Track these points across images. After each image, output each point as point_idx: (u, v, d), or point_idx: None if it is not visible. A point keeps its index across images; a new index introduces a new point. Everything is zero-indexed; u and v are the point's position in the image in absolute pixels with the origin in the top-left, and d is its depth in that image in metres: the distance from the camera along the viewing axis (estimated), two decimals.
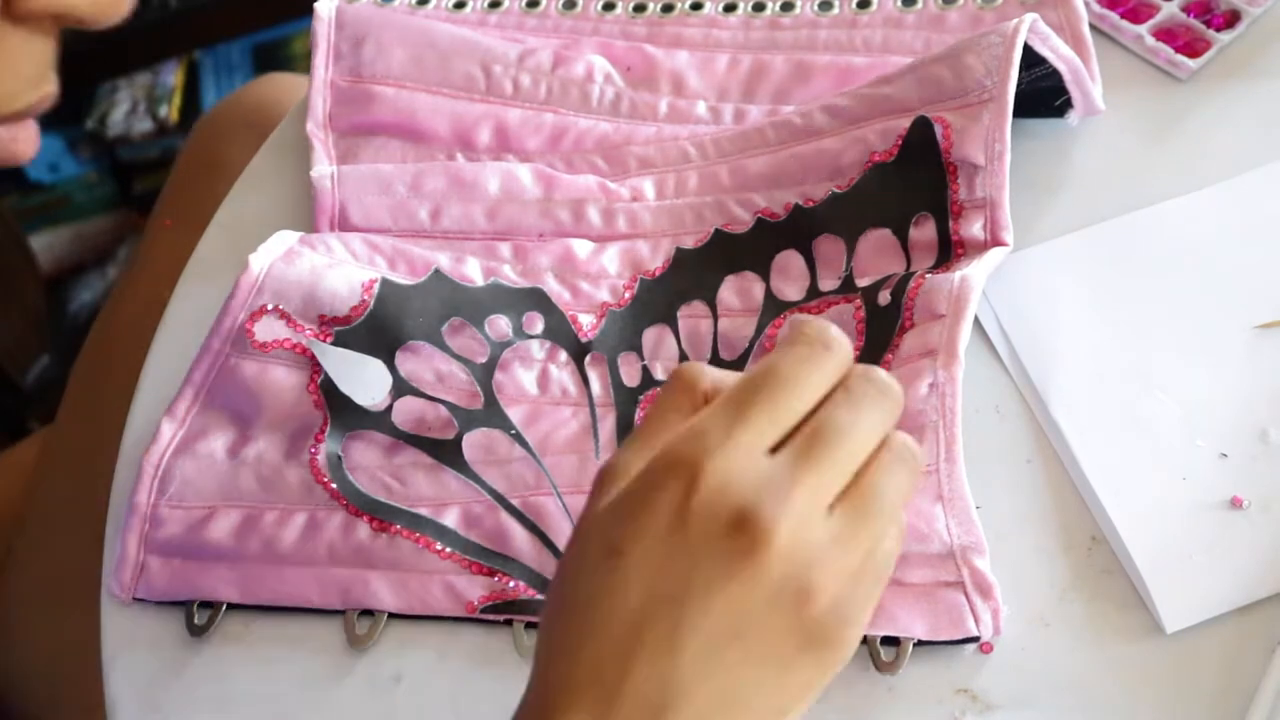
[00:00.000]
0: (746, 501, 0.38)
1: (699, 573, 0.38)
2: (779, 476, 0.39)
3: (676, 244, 0.65)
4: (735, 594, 0.38)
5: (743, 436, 0.39)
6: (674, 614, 0.38)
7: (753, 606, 0.38)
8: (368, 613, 0.58)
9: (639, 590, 0.38)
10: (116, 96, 1.52)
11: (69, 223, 1.54)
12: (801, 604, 0.38)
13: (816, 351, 0.41)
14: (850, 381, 0.41)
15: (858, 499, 0.40)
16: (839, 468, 0.39)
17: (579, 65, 0.71)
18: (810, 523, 0.39)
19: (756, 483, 0.38)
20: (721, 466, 0.39)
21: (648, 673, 0.38)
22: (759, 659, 0.39)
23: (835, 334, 0.41)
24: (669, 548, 0.38)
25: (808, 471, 0.39)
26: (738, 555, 0.38)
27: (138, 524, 0.60)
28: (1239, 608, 0.52)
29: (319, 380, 0.61)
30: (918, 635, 0.53)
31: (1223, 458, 0.56)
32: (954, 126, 0.61)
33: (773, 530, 0.38)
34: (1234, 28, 0.68)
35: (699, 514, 0.38)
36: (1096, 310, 0.60)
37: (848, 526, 0.39)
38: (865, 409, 0.40)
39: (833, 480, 0.39)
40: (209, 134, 0.93)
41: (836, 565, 0.39)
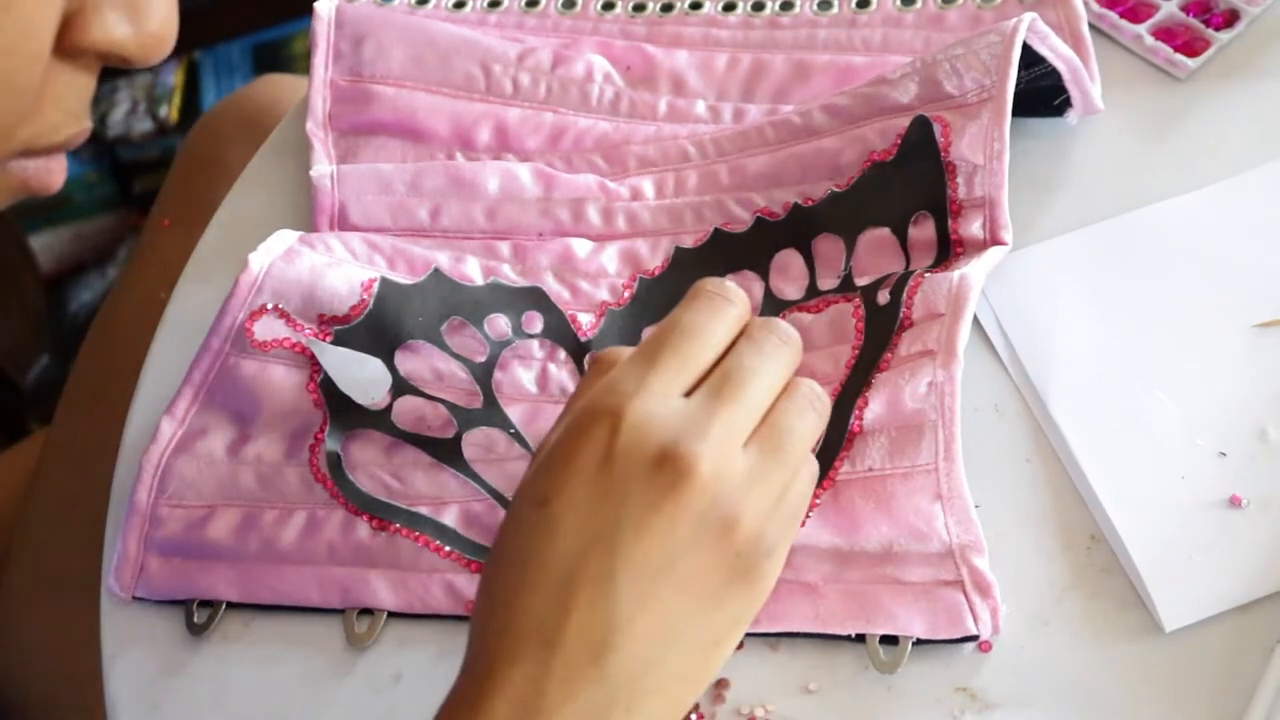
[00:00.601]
0: (668, 438, 0.40)
1: (627, 510, 0.40)
2: (695, 414, 0.41)
3: (676, 243, 0.65)
4: (663, 527, 0.40)
5: (656, 382, 0.42)
6: (606, 553, 0.40)
7: (681, 538, 0.40)
8: (367, 612, 0.58)
9: (571, 535, 0.40)
10: (116, 96, 1.52)
11: (69, 223, 1.54)
12: (725, 534, 0.41)
13: (717, 303, 0.44)
14: (752, 330, 0.44)
15: (770, 436, 0.43)
16: (750, 406, 0.42)
17: (578, 64, 0.71)
18: (729, 456, 0.41)
19: (675, 421, 0.41)
20: (640, 409, 0.41)
21: (586, 613, 0.40)
22: (691, 591, 0.41)
23: (732, 286, 0.45)
24: (596, 490, 0.40)
25: (721, 409, 0.42)
26: (663, 489, 0.40)
27: (137, 523, 0.60)
28: (1238, 606, 0.52)
29: (318, 379, 0.61)
30: (917, 634, 0.53)
31: (1222, 457, 0.56)
32: (953, 125, 0.61)
33: (695, 463, 0.40)
34: (1233, 27, 0.68)
35: (623, 455, 0.40)
36: (1096, 309, 0.60)
37: (762, 461, 0.42)
38: (769, 353, 0.43)
39: (746, 417, 0.42)
40: (208, 134, 0.93)
41: (755, 497, 0.41)
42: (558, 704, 0.40)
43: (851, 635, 0.54)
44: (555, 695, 0.40)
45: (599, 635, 0.40)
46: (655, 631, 0.40)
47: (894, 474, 0.54)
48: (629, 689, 0.40)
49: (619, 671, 0.40)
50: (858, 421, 0.56)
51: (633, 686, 0.40)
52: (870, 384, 0.57)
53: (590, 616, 0.40)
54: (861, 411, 0.56)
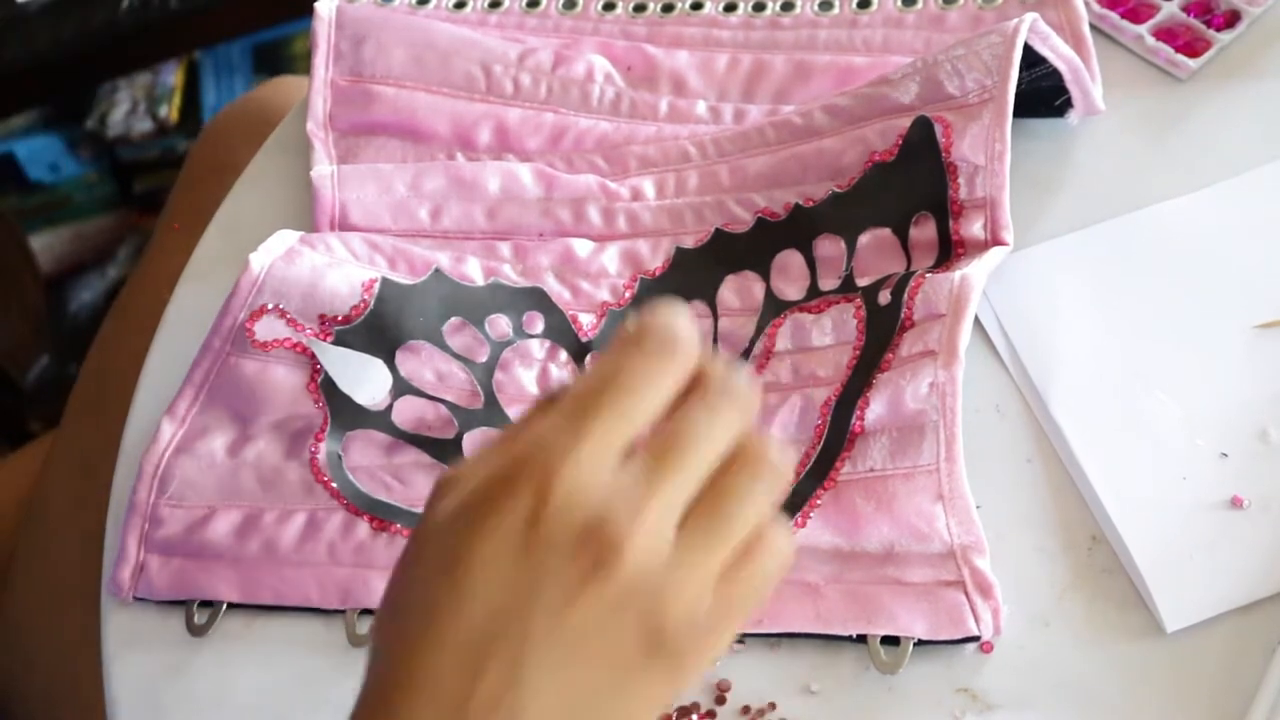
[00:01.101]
0: (595, 513, 0.37)
1: (544, 586, 0.37)
2: (629, 490, 0.38)
3: (677, 243, 0.65)
4: (582, 608, 0.37)
5: (591, 444, 0.38)
6: (517, 628, 0.37)
7: (599, 620, 0.37)
8: (368, 612, 0.58)
9: (483, 604, 0.38)
10: (116, 96, 1.52)
11: (69, 223, 1.54)
12: (649, 619, 0.38)
13: (665, 352, 0.39)
14: (705, 386, 0.40)
15: (711, 511, 0.39)
16: (692, 478, 0.39)
17: (579, 65, 0.71)
18: (660, 534, 0.38)
19: (607, 494, 0.37)
20: (570, 475, 0.37)
21: (492, 687, 0.37)
22: (607, 672, 0.38)
23: (684, 331, 0.39)
24: (514, 560, 0.37)
25: (660, 481, 0.38)
26: (585, 568, 0.37)
27: (138, 523, 0.60)
28: (1239, 607, 0.52)
29: (319, 380, 0.61)
30: (918, 635, 0.53)
31: (1223, 457, 0.56)
32: (954, 126, 0.61)
33: (622, 544, 0.37)
34: (1234, 27, 0.68)
35: (546, 524, 0.37)
36: (1096, 309, 0.60)
37: (697, 544, 0.38)
38: (718, 416, 0.39)
39: (685, 489, 0.38)
40: (217, 137, 0.93)
41: (687, 578, 0.38)
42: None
43: (853, 636, 0.54)
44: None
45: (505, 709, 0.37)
46: (562, 709, 0.38)
47: (895, 474, 0.54)
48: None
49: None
50: (859, 422, 0.56)
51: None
52: (871, 384, 0.56)
53: (496, 691, 0.37)
54: (863, 412, 0.56)
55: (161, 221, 0.92)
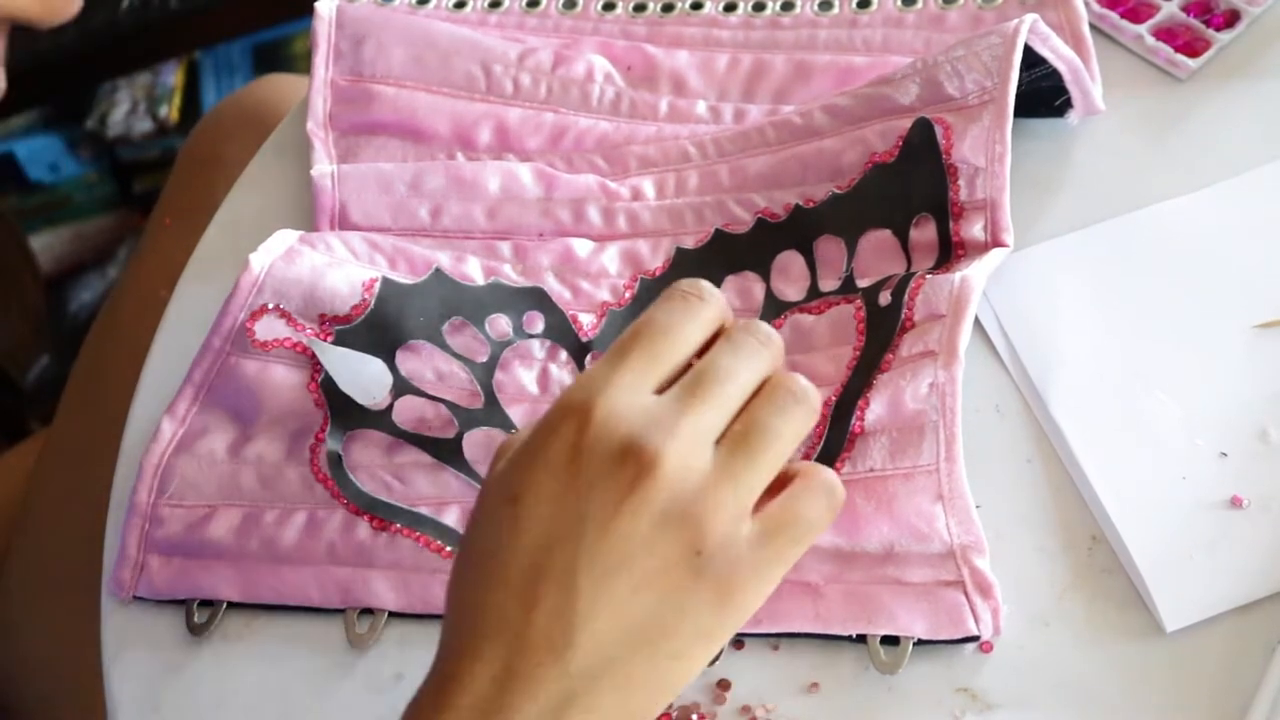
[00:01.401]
0: (632, 432, 0.40)
1: (590, 506, 0.40)
2: (663, 411, 0.41)
3: (677, 244, 0.65)
4: (625, 523, 0.39)
5: (625, 378, 0.41)
6: (570, 549, 0.40)
7: (641, 535, 0.40)
8: (368, 612, 0.58)
9: (536, 532, 0.40)
10: (116, 96, 1.52)
11: (69, 223, 1.54)
12: (686, 532, 0.40)
13: (690, 302, 0.43)
14: (731, 330, 0.43)
15: (743, 434, 0.41)
16: (722, 404, 0.41)
17: (579, 65, 0.71)
18: (695, 452, 0.40)
19: (642, 415, 0.40)
20: (607, 404, 0.40)
21: (548, 609, 0.39)
22: (651, 591, 0.40)
23: (708, 287, 0.44)
24: (562, 487, 0.40)
25: (691, 406, 0.41)
26: (625, 484, 0.39)
27: (138, 523, 0.60)
28: (1239, 607, 0.52)
29: (319, 379, 0.61)
30: (918, 634, 0.53)
31: (1223, 457, 0.56)
32: (954, 127, 0.61)
33: (658, 457, 0.39)
34: (1234, 27, 0.68)
35: (589, 449, 0.40)
36: (1096, 310, 0.60)
37: (732, 459, 0.41)
38: (745, 353, 0.42)
39: (717, 416, 0.41)
40: (209, 133, 0.93)
41: (721, 495, 0.40)
42: (520, 702, 0.39)
43: (853, 636, 0.54)
44: (518, 693, 0.39)
45: (561, 631, 0.39)
46: (615, 630, 0.40)
47: (895, 474, 0.54)
48: (587, 687, 0.40)
49: (578, 669, 0.39)
50: (859, 422, 0.56)
51: (591, 685, 0.40)
52: (871, 385, 0.57)
53: (552, 613, 0.39)
54: (863, 412, 0.56)
55: (153, 218, 0.92)
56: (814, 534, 0.42)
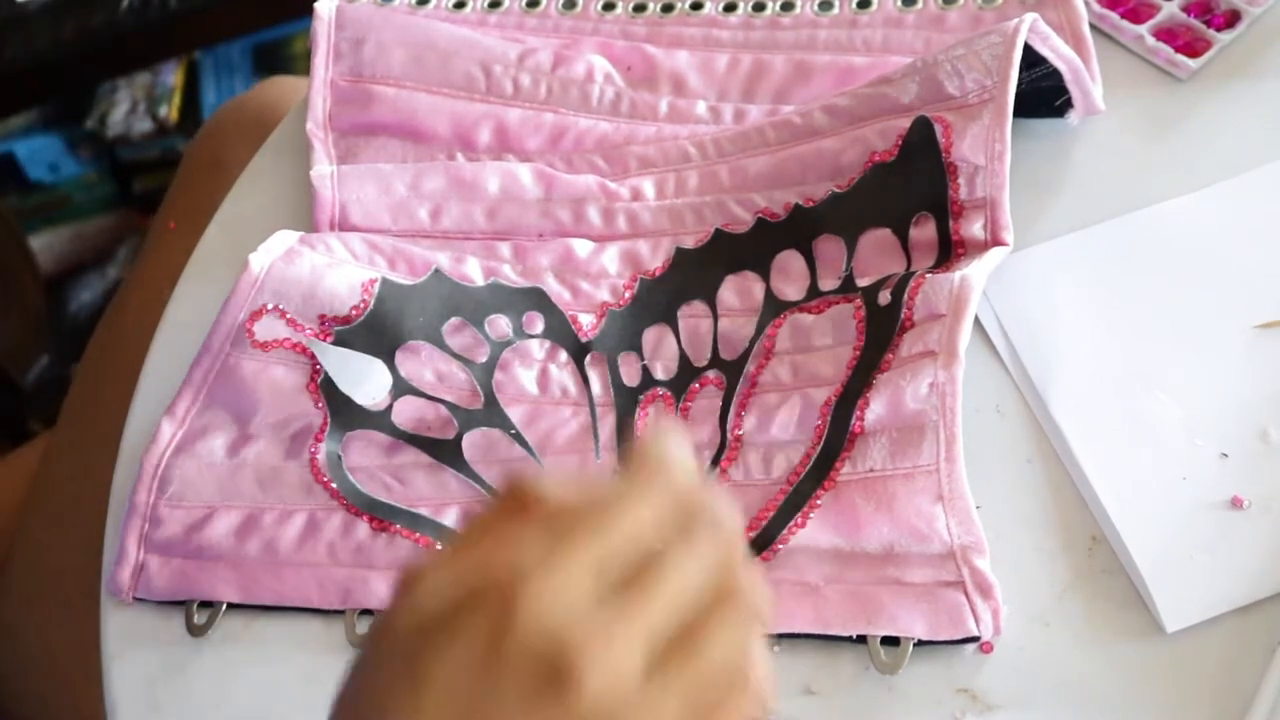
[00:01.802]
0: (559, 640, 0.35)
1: (505, 711, 0.35)
2: (601, 618, 0.36)
3: (676, 244, 0.65)
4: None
5: (565, 567, 0.36)
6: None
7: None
8: (368, 612, 0.58)
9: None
10: (116, 96, 1.52)
11: (69, 223, 1.54)
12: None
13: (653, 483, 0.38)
14: (689, 523, 0.38)
15: (682, 650, 0.37)
16: (663, 614, 0.37)
17: (579, 65, 0.71)
18: (626, 670, 0.36)
19: (575, 623, 0.36)
20: (539, 597, 0.36)
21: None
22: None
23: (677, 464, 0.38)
24: (476, 680, 0.36)
25: (633, 614, 0.36)
26: (545, 698, 0.35)
27: (137, 523, 0.60)
28: (1239, 607, 0.52)
29: (319, 380, 0.61)
30: (918, 635, 0.53)
31: (1223, 457, 0.56)
32: (954, 126, 0.61)
33: (584, 675, 0.35)
34: (1234, 27, 0.68)
35: (510, 647, 0.36)
36: (1096, 310, 0.60)
37: (668, 679, 0.36)
38: (700, 555, 0.38)
39: (661, 625, 0.37)
40: (214, 136, 0.93)
41: (650, 717, 0.36)
42: None
43: (853, 636, 0.54)
44: None
45: None
46: None
47: (895, 475, 0.54)
48: None
49: None
50: (859, 422, 0.56)
51: None
52: (871, 385, 0.56)
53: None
54: (863, 412, 0.56)
55: (157, 221, 0.92)
56: None
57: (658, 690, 0.36)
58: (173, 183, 0.94)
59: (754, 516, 0.56)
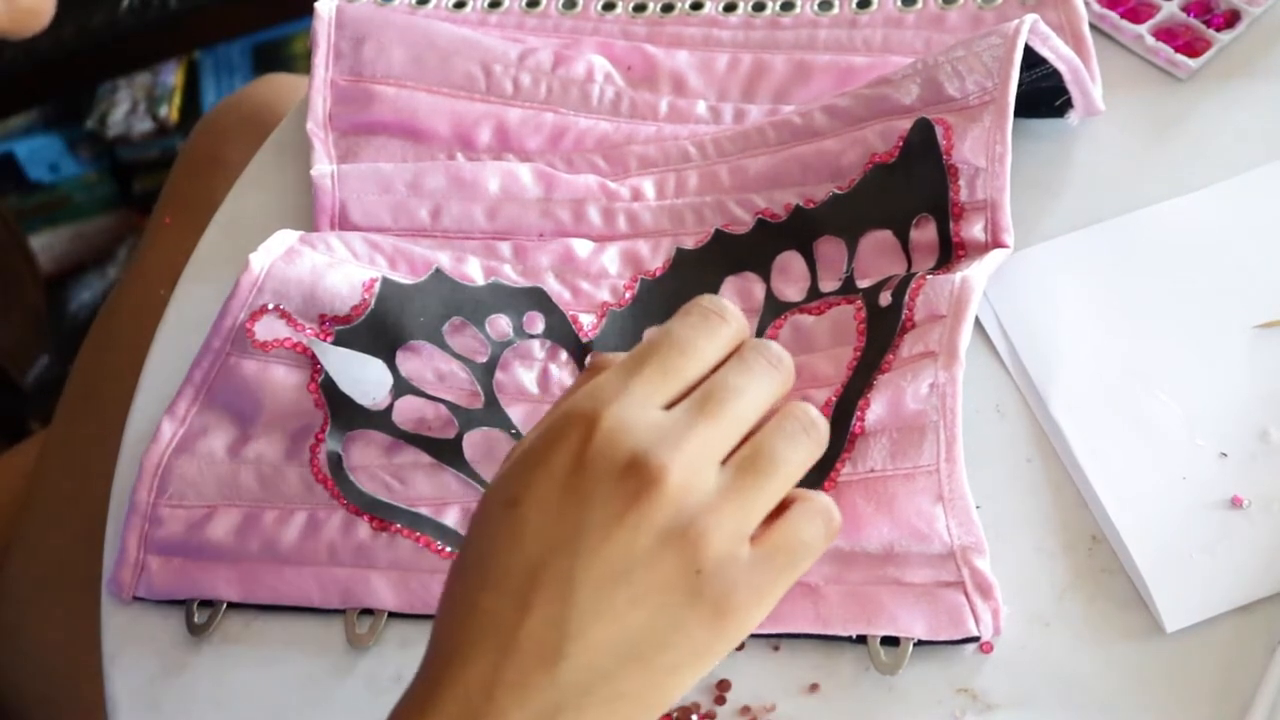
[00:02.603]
0: (639, 446, 0.40)
1: (591, 516, 0.39)
2: (671, 426, 0.40)
3: (677, 244, 0.65)
4: (625, 536, 0.39)
5: (637, 391, 0.41)
6: (568, 558, 0.39)
7: (641, 548, 0.39)
8: (368, 612, 0.58)
9: (535, 537, 0.40)
10: (116, 96, 1.52)
11: (69, 223, 1.54)
12: (687, 549, 0.39)
13: (710, 319, 0.43)
14: (744, 350, 0.43)
15: (750, 457, 0.41)
16: (730, 425, 0.41)
17: (579, 65, 0.71)
18: (700, 470, 0.40)
19: (650, 430, 0.40)
20: (615, 415, 0.40)
21: (542, 617, 0.39)
22: (648, 605, 0.40)
23: (729, 306, 0.43)
24: (564, 494, 0.40)
25: (699, 424, 0.40)
26: (629, 497, 0.39)
27: (138, 523, 0.60)
28: (1239, 607, 0.52)
29: (319, 379, 0.61)
30: (918, 635, 0.53)
31: (1223, 457, 0.56)
32: (955, 128, 0.61)
33: (663, 473, 0.39)
34: (1234, 27, 0.68)
35: (593, 460, 0.40)
36: (1097, 310, 0.60)
37: (737, 480, 0.41)
38: (757, 374, 0.42)
39: (724, 436, 0.41)
40: (209, 133, 0.93)
41: (725, 515, 0.40)
42: (505, 708, 0.39)
43: (853, 636, 0.54)
44: (504, 699, 0.39)
45: (553, 641, 0.39)
46: (608, 643, 0.39)
47: (895, 475, 0.54)
48: (577, 699, 0.39)
49: (569, 680, 0.39)
50: (859, 423, 0.56)
51: (581, 698, 0.39)
52: (872, 385, 0.56)
53: (546, 621, 0.39)
54: (863, 413, 0.56)
55: (153, 218, 0.92)
56: (811, 559, 0.42)
57: (733, 494, 0.40)
58: (168, 179, 0.94)
59: None
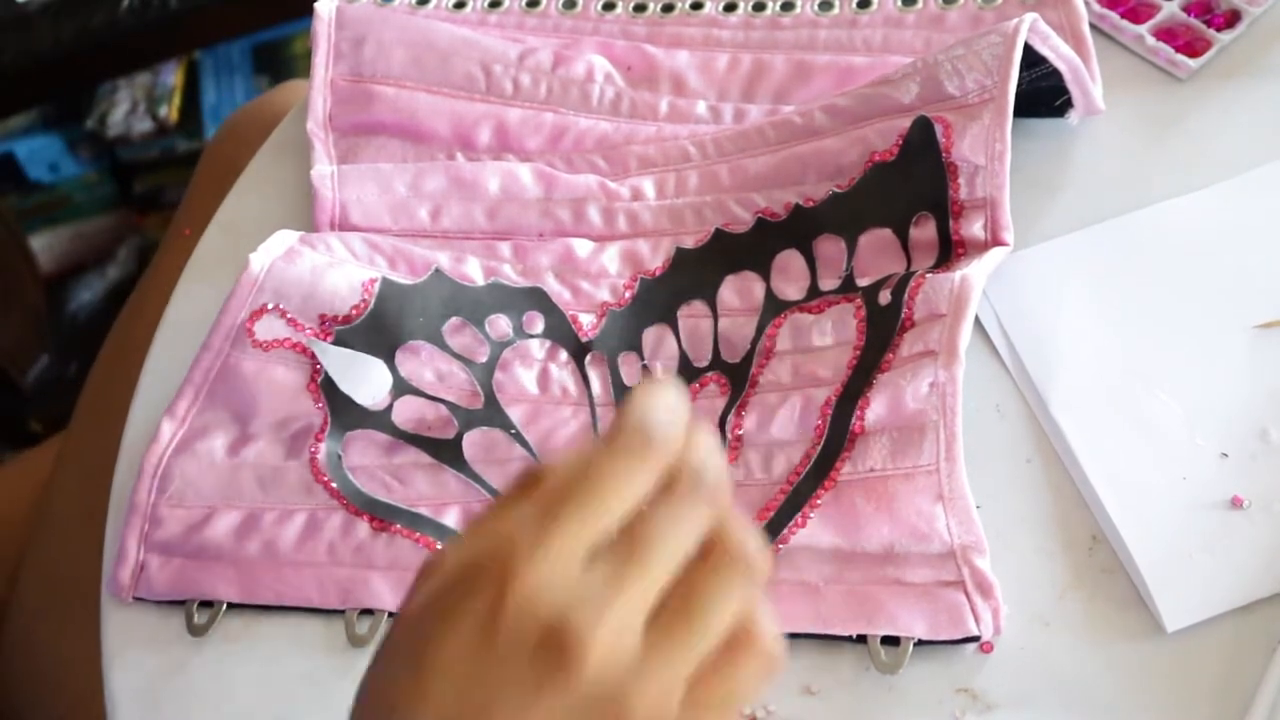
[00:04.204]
0: (556, 613, 0.36)
1: (507, 689, 0.36)
2: (592, 589, 0.36)
3: (677, 243, 0.65)
4: (544, 712, 0.36)
5: (554, 542, 0.36)
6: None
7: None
8: (368, 612, 0.58)
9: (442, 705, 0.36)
10: (116, 96, 1.52)
11: (69, 223, 1.54)
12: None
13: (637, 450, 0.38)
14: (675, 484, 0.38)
15: (678, 610, 0.37)
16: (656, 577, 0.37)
17: (579, 65, 0.71)
18: (624, 635, 0.36)
19: (568, 594, 0.36)
20: (532, 575, 0.36)
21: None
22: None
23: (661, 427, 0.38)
24: (473, 663, 0.36)
25: (624, 583, 0.36)
26: (546, 672, 0.36)
27: (137, 523, 0.60)
28: (1239, 607, 0.52)
29: (319, 379, 0.61)
30: (918, 635, 0.53)
31: (1223, 457, 0.56)
32: (954, 126, 0.61)
33: (583, 645, 0.35)
34: (1234, 27, 0.68)
35: (507, 625, 0.36)
36: (1097, 309, 0.60)
37: (666, 639, 0.37)
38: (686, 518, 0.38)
39: (649, 589, 0.37)
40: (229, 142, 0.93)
41: (653, 683, 0.36)
42: None
43: (853, 636, 0.54)
44: None
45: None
46: None
47: (895, 474, 0.54)
48: None
49: None
50: (859, 422, 0.56)
51: None
52: (872, 384, 0.56)
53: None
54: (863, 412, 0.56)
55: (172, 227, 0.92)
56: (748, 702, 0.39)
57: (660, 656, 0.37)
58: (188, 189, 0.94)
59: (754, 516, 0.56)
